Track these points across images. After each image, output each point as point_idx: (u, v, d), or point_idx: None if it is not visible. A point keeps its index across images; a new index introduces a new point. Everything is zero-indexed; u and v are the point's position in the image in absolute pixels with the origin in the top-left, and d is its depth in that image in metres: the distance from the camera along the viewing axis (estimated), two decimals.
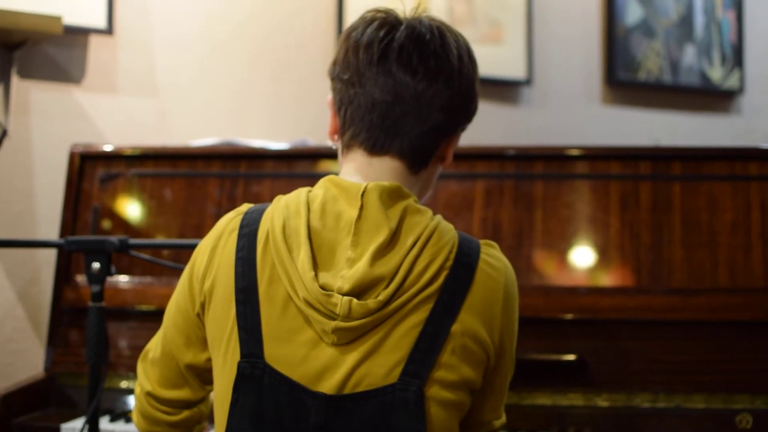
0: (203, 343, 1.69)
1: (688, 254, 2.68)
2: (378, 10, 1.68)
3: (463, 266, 1.55)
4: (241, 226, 1.62)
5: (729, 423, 2.54)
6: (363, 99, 1.62)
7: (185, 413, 1.79)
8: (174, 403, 1.78)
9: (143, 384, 1.80)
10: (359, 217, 1.55)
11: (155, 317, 2.75)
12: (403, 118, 1.62)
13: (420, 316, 1.51)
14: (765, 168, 2.73)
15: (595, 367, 2.60)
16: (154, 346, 1.81)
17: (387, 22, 1.65)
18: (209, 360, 1.69)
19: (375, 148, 1.64)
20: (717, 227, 2.70)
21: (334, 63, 1.68)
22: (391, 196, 1.57)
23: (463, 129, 1.73)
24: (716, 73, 4.80)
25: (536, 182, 2.78)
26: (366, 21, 1.66)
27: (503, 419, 1.70)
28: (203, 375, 1.74)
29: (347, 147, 1.67)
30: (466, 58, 1.68)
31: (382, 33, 1.63)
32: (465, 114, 1.70)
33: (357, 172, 1.64)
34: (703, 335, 2.60)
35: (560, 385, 2.60)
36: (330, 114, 1.71)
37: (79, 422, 2.62)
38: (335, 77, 1.67)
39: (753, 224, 2.68)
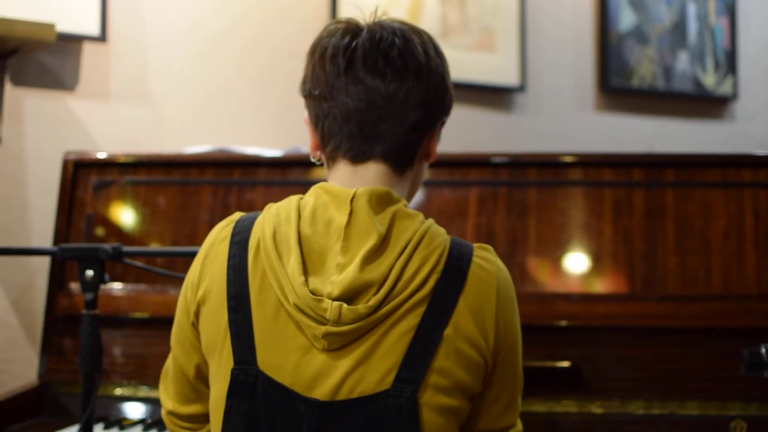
0: (202, 354, 1.69)
1: (681, 261, 2.68)
2: (339, 21, 1.70)
3: (454, 270, 1.56)
4: (233, 234, 1.63)
5: (723, 429, 2.54)
6: (338, 111, 1.63)
7: (207, 426, 1.79)
8: (194, 418, 1.79)
9: (165, 403, 1.82)
10: (349, 222, 1.55)
11: (149, 325, 2.77)
12: (380, 123, 1.62)
13: (412, 321, 1.52)
14: (758, 175, 2.73)
15: (590, 374, 2.60)
16: (168, 363, 1.81)
17: (348, 30, 1.66)
18: None
19: (358, 156, 1.65)
20: (710, 234, 2.70)
21: (304, 81, 1.70)
22: (381, 202, 1.58)
23: (442, 123, 1.74)
24: (709, 80, 4.81)
25: (530, 189, 2.78)
26: (329, 33, 1.68)
27: (519, 427, 1.70)
28: None
29: (331, 159, 1.69)
30: (432, 52, 1.68)
31: (345, 42, 1.64)
32: (441, 108, 1.71)
33: (343, 181, 1.65)
34: (697, 342, 2.60)
35: (554, 392, 2.60)
36: (309, 132, 1.72)
37: (73, 430, 2.62)
38: (307, 95, 1.69)
39: (746, 231, 2.69)
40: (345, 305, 1.50)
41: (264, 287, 1.56)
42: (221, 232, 1.66)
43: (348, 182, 1.65)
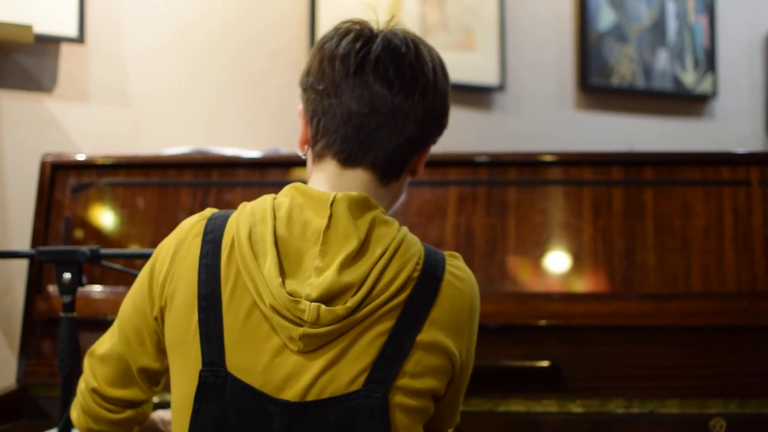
0: (158, 348, 1.69)
1: (661, 260, 2.68)
2: (353, 22, 1.69)
3: (430, 278, 1.57)
4: (206, 232, 1.62)
5: (703, 428, 2.55)
6: (339, 110, 1.62)
7: (128, 413, 1.80)
8: (119, 402, 1.79)
9: (89, 380, 1.81)
10: (328, 226, 1.55)
11: None
12: (378, 131, 1.62)
13: (386, 325, 1.53)
14: (737, 173, 2.74)
15: (569, 374, 2.60)
16: (104, 342, 1.80)
17: (362, 34, 1.65)
18: (164, 365, 1.69)
19: (348, 160, 1.64)
20: (690, 232, 2.70)
21: (307, 73, 1.68)
22: (359, 207, 1.58)
23: (434, 142, 1.74)
24: (689, 78, 4.82)
25: (509, 188, 2.78)
26: (341, 32, 1.67)
27: (458, 420, 1.75)
28: (153, 378, 1.76)
29: (319, 156, 1.67)
30: (440, 71, 1.69)
31: (358, 45, 1.63)
32: (437, 127, 1.72)
33: (326, 182, 1.65)
34: (677, 341, 2.61)
35: (534, 391, 2.60)
36: (301, 124, 1.71)
37: None
38: (308, 87, 1.67)
39: (725, 229, 2.69)
40: (323, 306, 1.50)
41: (237, 288, 1.56)
42: (193, 228, 1.65)
43: (330, 184, 1.64)
